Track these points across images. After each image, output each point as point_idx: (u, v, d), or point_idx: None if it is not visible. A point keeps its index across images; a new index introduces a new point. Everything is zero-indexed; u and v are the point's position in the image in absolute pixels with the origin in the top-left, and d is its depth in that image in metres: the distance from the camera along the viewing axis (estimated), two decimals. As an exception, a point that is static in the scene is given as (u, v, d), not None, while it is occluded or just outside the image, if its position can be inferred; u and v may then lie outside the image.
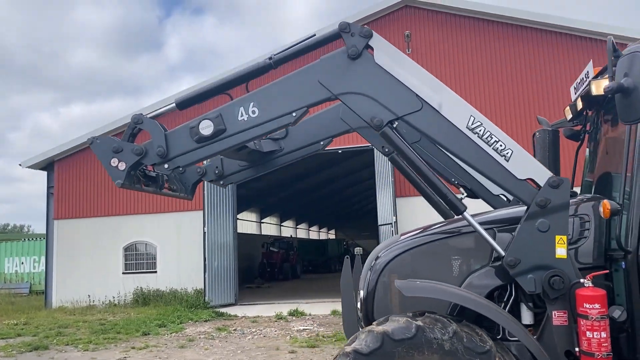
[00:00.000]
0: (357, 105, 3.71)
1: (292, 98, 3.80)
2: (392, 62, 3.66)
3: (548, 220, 3.44)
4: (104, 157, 4.04)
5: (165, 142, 3.97)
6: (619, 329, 3.44)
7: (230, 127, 3.87)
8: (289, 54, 4.02)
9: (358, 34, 3.65)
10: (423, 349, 3.10)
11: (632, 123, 3.26)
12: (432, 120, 3.63)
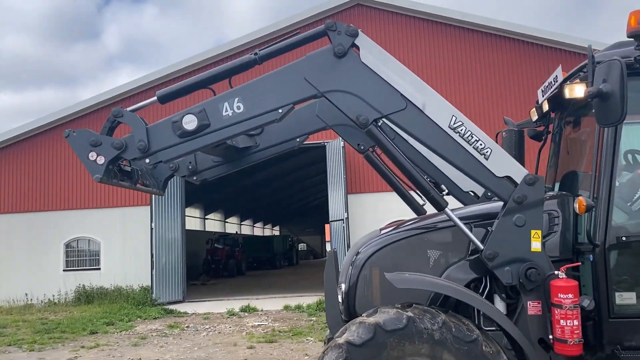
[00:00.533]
0: (343, 103, 3.76)
1: (278, 94, 3.80)
2: (378, 61, 3.74)
3: (524, 216, 3.63)
4: (81, 151, 3.89)
5: (147, 136, 3.86)
6: (586, 317, 3.68)
7: (214, 123, 3.82)
8: (274, 50, 4.01)
9: (344, 32, 3.71)
10: (414, 339, 3.22)
11: (608, 126, 3.50)
12: (415, 119, 3.73)
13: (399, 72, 3.77)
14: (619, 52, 3.83)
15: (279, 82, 3.81)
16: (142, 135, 3.86)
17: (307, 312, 13.28)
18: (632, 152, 4.43)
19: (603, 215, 3.70)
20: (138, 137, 3.86)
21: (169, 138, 3.87)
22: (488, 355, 3.20)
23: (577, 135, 4.65)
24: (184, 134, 3.83)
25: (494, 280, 3.82)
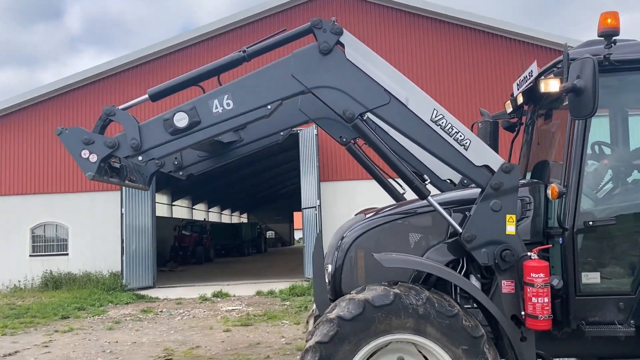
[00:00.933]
0: (330, 98, 3.91)
1: (267, 91, 3.92)
2: (362, 58, 3.91)
3: (500, 201, 3.90)
4: (73, 149, 3.92)
5: (139, 135, 3.94)
6: (555, 295, 3.98)
7: (204, 120, 3.91)
8: (262, 47, 4.14)
9: (330, 30, 3.86)
10: (400, 314, 3.45)
11: (581, 119, 3.79)
12: (399, 113, 3.93)
13: (382, 68, 3.95)
14: (590, 50, 4.11)
15: (267, 79, 3.94)
16: (134, 133, 3.93)
17: (280, 297, 13.49)
18: (598, 144, 4.77)
19: (572, 202, 4.00)
20: (130, 135, 3.93)
21: (161, 136, 3.95)
22: (467, 328, 3.46)
23: (548, 127, 4.95)
24: (175, 132, 3.91)
25: (471, 261, 4.08)
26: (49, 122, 18.62)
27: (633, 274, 4.02)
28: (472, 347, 3.43)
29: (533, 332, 3.87)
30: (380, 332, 3.46)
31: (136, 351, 8.16)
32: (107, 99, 18.66)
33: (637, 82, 4.37)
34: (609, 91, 4.53)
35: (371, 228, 4.36)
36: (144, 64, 18.76)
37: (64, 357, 7.87)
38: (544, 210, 4.25)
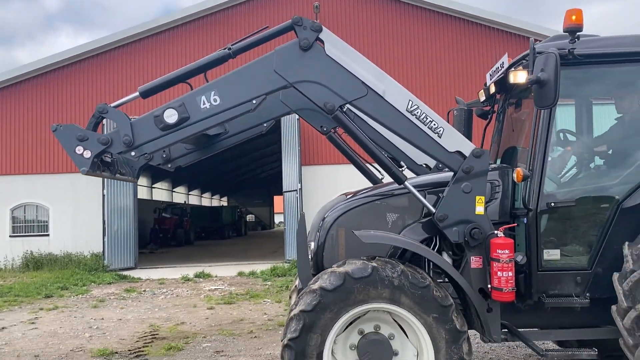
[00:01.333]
0: (311, 92, 4.17)
1: (251, 87, 4.15)
2: (341, 53, 4.17)
3: (471, 184, 4.22)
4: (68, 145, 4.11)
5: (131, 131, 4.13)
6: (519, 270, 4.34)
7: (193, 115, 4.13)
8: (247, 45, 4.36)
9: (310, 27, 4.11)
10: (377, 285, 3.77)
11: (544, 108, 4.11)
12: (376, 104, 4.20)
13: (360, 63, 4.21)
14: (556, 44, 4.43)
15: (251, 75, 4.16)
16: (127, 130, 4.12)
17: (261, 277, 13.80)
18: (563, 132, 5.12)
19: (536, 185, 4.34)
20: (123, 132, 4.12)
21: (152, 132, 4.15)
22: (438, 298, 3.79)
23: (517, 115, 5.27)
24: (166, 127, 4.12)
25: (443, 239, 4.41)
26: (29, 102, 18.51)
27: (590, 251, 4.39)
28: (442, 315, 3.77)
29: (498, 304, 4.23)
30: (359, 302, 3.78)
31: (122, 327, 8.41)
32: (88, 80, 18.61)
33: (598, 74, 4.71)
34: (574, 82, 4.88)
35: (351, 208, 4.66)
36: (125, 46, 18.69)
37: (52, 333, 8.08)
38: (511, 192, 4.59)
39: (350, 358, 3.95)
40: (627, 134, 4.78)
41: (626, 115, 4.81)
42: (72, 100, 18.62)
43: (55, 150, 18.25)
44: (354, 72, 4.15)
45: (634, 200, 4.28)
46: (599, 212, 4.43)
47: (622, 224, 4.29)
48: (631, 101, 4.74)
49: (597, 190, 4.59)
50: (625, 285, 4.01)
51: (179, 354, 6.61)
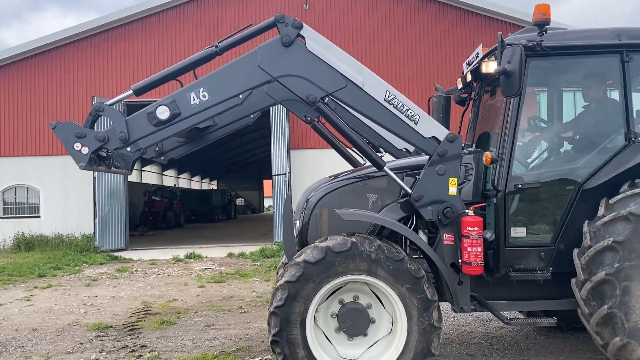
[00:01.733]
0: (294, 85, 4.46)
1: (238, 82, 4.44)
2: (321, 48, 4.47)
3: (445, 166, 4.56)
4: (67, 141, 4.36)
5: (127, 128, 4.40)
6: (487, 247, 4.70)
7: (184, 111, 4.41)
8: (232, 42, 4.68)
9: (291, 25, 4.39)
10: (356, 258, 4.11)
11: (510, 97, 4.44)
12: (356, 95, 4.51)
13: (340, 57, 4.51)
14: (525, 36, 4.77)
15: (237, 71, 4.45)
16: (122, 127, 4.40)
17: (250, 258, 14.14)
18: (533, 118, 5.46)
19: (505, 168, 4.69)
20: (119, 129, 4.39)
21: (146, 128, 4.43)
22: (411, 270, 4.14)
23: (491, 102, 5.60)
24: (159, 123, 4.40)
25: (419, 218, 4.75)
26: (19, 85, 18.55)
27: (553, 230, 4.76)
28: (414, 285, 4.12)
29: (468, 277, 4.59)
30: (339, 274, 4.12)
31: (116, 304, 8.72)
32: (78, 62, 18.65)
33: (566, 65, 5.05)
34: (544, 72, 5.23)
35: (334, 189, 5.00)
36: (115, 29, 18.72)
37: (48, 309, 8.38)
38: (483, 174, 4.95)
39: (331, 325, 4.31)
40: (591, 122, 5.13)
41: (592, 103, 5.16)
42: (62, 82, 18.68)
43: (45, 133, 18.37)
44: (334, 65, 4.44)
45: (594, 183, 4.64)
46: (562, 194, 4.79)
47: (582, 205, 4.65)
48: (596, 91, 5.08)
49: (560, 174, 4.96)
50: (583, 259, 4.39)
51: (172, 328, 6.95)
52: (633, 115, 4.73)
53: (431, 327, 4.12)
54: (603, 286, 4.24)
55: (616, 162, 4.62)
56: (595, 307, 4.30)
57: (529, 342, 5.85)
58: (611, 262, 4.23)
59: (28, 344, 6.37)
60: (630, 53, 4.72)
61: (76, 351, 6.00)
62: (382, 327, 4.30)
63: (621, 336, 4.22)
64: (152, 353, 5.75)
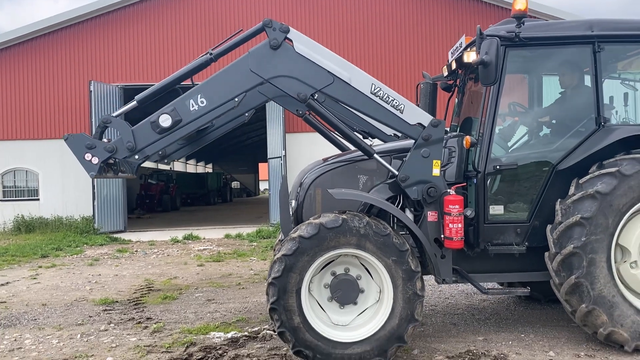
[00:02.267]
0: (285, 85, 4.79)
1: (232, 86, 4.76)
2: (308, 49, 4.78)
3: (429, 149, 4.93)
4: (78, 152, 4.68)
5: (133, 137, 4.71)
6: (468, 223, 5.10)
7: (185, 117, 4.73)
8: (226, 49, 5.03)
9: (278, 29, 4.70)
10: (346, 234, 4.49)
11: (487, 86, 4.81)
12: (343, 89, 4.83)
13: (326, 55, 4.83)
14: (505, 27, 5.11)
15: (231, 76, 4.77)
16: (129, 137, 4.72)
17: (247, 239, 14.54)
18: (513, 104, 5.83)
19: (485, 150, 5.07)
20: (126, 139, 4.72)
21: (151, 136, 4.76)
22: (396, 244, 4.52)
23: (475, 89, 5.96)
24: (162, 131, 4.73)
25: (405, 197, 5.14)
26: (16, 69, 18.71)
27: (528, 207, 5.16)
28: (400, 258, 4.51)
29: (450, 251, 5.00)
30: (331, 247, 4.50)
31: (119, 281, 9.13)
32: (76, 46, 18.78)
33: (543, 54, 5.42)
34: (524, 60, 5.61)
35: (327, 171, 5.38)
36: (114, 12, 18.85)
37: (54, 287, 8.77)
38: (465, 157, 5.33)
39: (324, 295, 4.70)
40: (566, 108, 5.51)
41: (567, 90, 5.53)
42: (60, 66, 18.84)
43: (43, 116, 18.62)
44: (321, 64, 4.77)
45: (566, 164, 5.03)
46: (537, 174, 5.19)
47: (555, 184, 5.05)
48: (570, 78, 5.45)
49: (536, 156, 5.34)
50: (555, 234, 4.80)
51: (174, 302, 7.36)
52: (603, 102, 5.10)
53: (415, 295, 4.52)
54: (571, 258, 4.66)
55: (587, 145, 5.00)
56: (565, 277, 4.72)
57: (509, 313, 6.30)
58: (579, 236, 4.64)
59: (40, 317, 6.77)
60: (602, 43, 5.08)
61: (86, 323, 6.40)
62: (371, 296, 4.70)
63: (587, 303, 4.65)
64: (157, 324, 6.16)
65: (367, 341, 4.52)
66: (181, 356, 5.03)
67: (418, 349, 5.05)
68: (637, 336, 4.66)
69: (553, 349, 4.96)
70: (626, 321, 4.66)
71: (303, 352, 4.51)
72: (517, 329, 5.64)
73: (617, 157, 4.83)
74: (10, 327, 6.31)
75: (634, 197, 4.67)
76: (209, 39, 18.61)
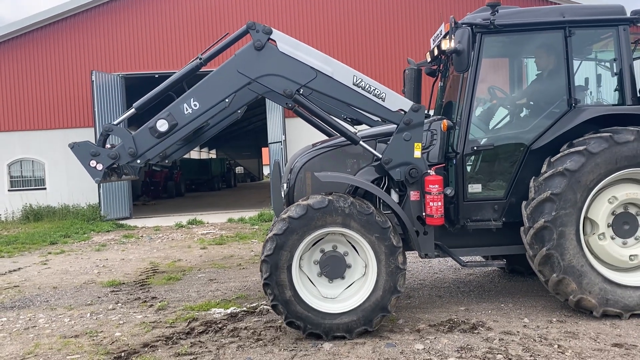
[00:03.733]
0: (271, 83, 5.08)
1: (222, 88, 5.06)
2: (291, 48, 5.07)
3: (410, 133, 5.25)
4: (83, 159, 5.01)
5: (134, 144, 5.02)
6: (449, 201, 5.44)
7: (180, 121, 5.03)
8: (214, 52, 5.34)
9: (262, 31, 4.98)
10: (332, 213, 4.84)
11: (461, 72, 5.12)
12: (327, 83, 5.13)
13: (309, 53, 5.11)
14: (480, 15, 5.41)
15: (220, 78, 5.06)
16: (130, 143, 5.02)
17: (249, 223, 14.94)
18: (493, 88, 6.13)
19: (463, 133, 5.39)
20: (127, 145, 5.01)
21: (150, 141, 5.06)
22: (379, 222, 4.87)
23: (455, 74, 6.25)
24: (160, 135, 5.03)
25: (390, 179, 5.47)
26: (21, 60, 19.03)
27: (505, 185, 5.50)
28: (382, 234, 4.86)
29: (432, 227, 5.34)
30: (319, 226, 4.86)
31: (126, 265, 9.55)
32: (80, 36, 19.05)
33: (518, 40, 5.72)
34: (502, 45, 5.90)
35: (317, 155, 5.73)
36: (111, 3, 19.09)
37: (64, 271, 9.20)
38: (446, 139, 5.65)
39: (314, 270, 5.07)
40: (540, 90, 5.81)
41: (541, 73, 5.83)
42: (62, 57, 19.14)
43: (48, 107, 18.99)
44: (303, 60, 5.06)
45: (540, 144, 5.35)
46: (512, 154, 5.51)
47: (530, 163, 5.38)
48: (544, 62, 5.74)
49: (511, 137, 5.67)
50: (528, 210, 5.14)
51: (178, 283, 7.77)
52: (574, 84, 5.40)
53: (397, 268, 4.88)
54: (543, 232, 5.01)
55: (558, 126, 5.31)
56: (537, 249, 5.07)
57: (492, 285, 6.67)
58: (549, 211, 4.98)
59: (51, 299, 7.19)
60: (572, 28, 5.36)
61: (95, 303, 6.82)
62: (357, 271, 5.06)
63: (557, 273, 5.00)
64: (161, 303, 6.56)
65: (354, 312, 4.90)
66: (184, 330, 5.43)
67: (403, 319, 5.43)
68: (604, 302, 5.02)
69: (528, 317, 5.33)
70: (594, 289, 5.01)
71: (295, 323, 4.90)
72: (497, 299, 6.02)
73: (586, 136, 5.15)
74: (24, 308, 6.74)
75: (601, 174, 4.99)
76: (209, 27, 18.89)
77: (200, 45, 18.81)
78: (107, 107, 17.99)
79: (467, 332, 4.95)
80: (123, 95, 18.52)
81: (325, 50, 5.72)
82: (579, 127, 5.22)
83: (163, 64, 18.95)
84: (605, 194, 5.15)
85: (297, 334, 5.03)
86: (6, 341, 5.47)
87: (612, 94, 5.71)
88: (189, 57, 19.07)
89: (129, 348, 5.02)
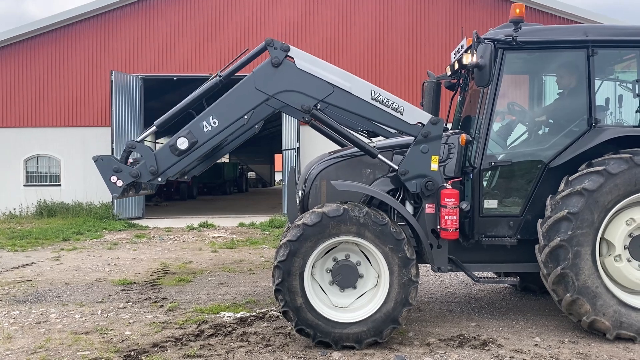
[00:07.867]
0: (289, 99, 5.13)
1: (240, 105, 5.12)
2: (309, 64, 5.11)
3: (428, 146, 5.25)
4: (105, 174, 5.08)
5: (156, 162, 5.07)
6: (464, 216, 5.42)
7: (200, 138, 5.09)
8: (233, 69, 5.41)
9: (279, 48, 5.03)
10: (347, 222, 4.84)
11: (482, 87, 5.12)
12: (345, 98, 5.16)
13: (326, 68, 5.14)
14: (503, 31, 5.41)
15: (238, 96, 5.12)
16: (152, 161, 5.07)
17: (260, 228, 14.98)
18: (512, 104, 6.12)
19: (481, 148, 5.38)
20: (149, 163, 5.07)
21: (171, 159, 5.11)
22: (393, 233, 4.86)
23: (475, 89, 6.23)
24: (180, 153, 5.09)
25: (406, 190, 5.47)
26: (43, 56, 19.30)
27: (521, 202, 5.46)
28: (396, 246, 4.85)
29: (446, 241, 5.32)
30: (333, 235, 4.86)
31: (137, 264, 9.60)
32: (100, 36, 19.30)
33: (539, 57, 5.71)
34: (523, 62, 5.90)
35: (333, 164, 5.74)
36: (132, 4, 19.32)
37: (76, 268, 9.27)
38: (463, 153, 5.64)
39: (326, 278, 5.07)
40: (560, 108, 5.78)
41: (562, 92, 5.81)
42: (83, 56, 19.37)
43: (66, 105, 19.23)
44: (321, 76, 5.09)
45: (557, 162, 5.32)
46: (530, 171, 5.48)
47: (547, 181, 5.35)
48: (565, 80, 5.72)
49: (529, 154, 5.64)
50: (544, 228, 5.10)
51: (188, 285, 7.80)
52: (595, 104, 5.37)
53: (409, 281, 4.87)
54: (558, 250, 4.96)
55: (578, 144, 5.28)
56: (552, 268, 5.02)
57: (504, 302, 6.62)
58: (565, 230, 4.94)
59: (63, 294, 7.25)
60: (595, 48, 5.34)
61: (106, 301, 6.86)
62: (369, 281, 5.05)
63: (572, 293, 4.95)
64: (172, 304, 6.59)
65: (364, 322, 4.88)
66: (193, 332, 5.45)
67: (413, 332, 5.40)
68: (618, 325, 4.96)
69: (540, 335, 5.28)
70: (608, 311, 4.95)
71: (305, 330, 4.89)
72: (509, 317, 5.97)
73: (606, 156, 5.11)
74: (36, 303, 6.80)
75: (619, 195, 4.95)
76: (228, 30, 19.04)
77: (219, 50, 19.01)
78: (125, 107, 18.18)
79: (478, 349, 4.91)
80: (141, 96, 18.71)
81: (343, 65, 5.77)
82: (599, 147, 5.18)
83: (181, 67, 19.13)
84: (623, 215, 5.10)
85: (306, 341, 5.02)
86: (18, 334, 5.52)
87: (633, 115, 5.68)
88: (208, 61, 19.35)
89: (139, 347, 5.04)
